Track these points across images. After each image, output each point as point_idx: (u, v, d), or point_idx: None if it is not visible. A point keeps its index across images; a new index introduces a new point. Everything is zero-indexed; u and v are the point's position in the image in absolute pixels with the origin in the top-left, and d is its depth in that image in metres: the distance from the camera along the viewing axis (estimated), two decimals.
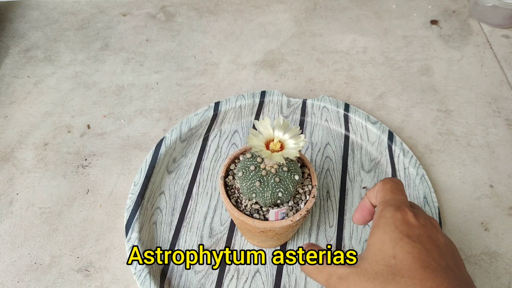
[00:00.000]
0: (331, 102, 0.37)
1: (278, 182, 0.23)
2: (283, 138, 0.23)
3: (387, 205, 0.19)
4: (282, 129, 0.23)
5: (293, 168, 0.24)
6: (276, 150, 0.23)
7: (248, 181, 0.23)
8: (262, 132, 0.23)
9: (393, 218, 0.18)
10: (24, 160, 0.36)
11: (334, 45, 0.45)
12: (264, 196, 0.23)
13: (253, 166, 0.24)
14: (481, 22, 0.47)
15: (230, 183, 0.26)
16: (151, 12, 0.50)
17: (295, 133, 0.23)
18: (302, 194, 0.25)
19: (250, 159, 0.24)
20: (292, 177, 0.24)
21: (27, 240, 0.31)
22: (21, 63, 0.44)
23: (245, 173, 0.24)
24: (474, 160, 0.35)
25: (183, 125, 0.36)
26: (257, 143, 0.22)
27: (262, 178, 0.23)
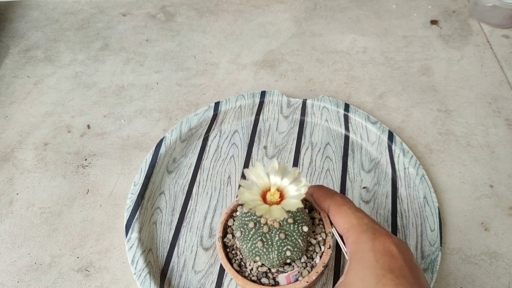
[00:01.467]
0: (331, 102, 0.37)
1: (284, 238, 0.19)
2: (282, 184, 0.19)
3: (360, 233, 0.17)
4: (279, 174, 0.19)
5: (299, 217, 0.20)
6: (275, 202, 0.19)
7: (248, 242, 0.20)
8: (256, 182, 0.19)
9: (373, 251, 0.16)
10: (24, 160, 0.36)
11: (334, 45, 0.45)
12: (270, 258, 0.20)
13: (252, 222, 0.20)
14: (481, 22, 0.47)
15: (231, 243, 0.22)
16: (151, 12, 0.50)
17: (295, 176, 0.19)
18: (315, 245, 0.21)
19: (248, 214, 0.20)
20: (300, 229, 0.20)
21: (27, 240, 0.31)
22: (21, 63, 0.44)
23: (244, 232, 0.20)
24: (474, 160, 0.35)
25: (183, 125, 0.36)
26: (251, 197, 0.18)
27: (264, 236, 0.19)
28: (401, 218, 0.31)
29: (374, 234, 0.17)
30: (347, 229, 0.18)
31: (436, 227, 0.29)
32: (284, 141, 0.36)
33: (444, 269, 0.29)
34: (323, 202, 0.20)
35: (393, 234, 0.22)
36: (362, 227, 0.17)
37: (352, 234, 0.17)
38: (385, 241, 0.16)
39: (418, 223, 0.30)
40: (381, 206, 0.32)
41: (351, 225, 0.18)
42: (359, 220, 0.18)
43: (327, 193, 0.20)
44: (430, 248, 0.28)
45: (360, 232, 0.17)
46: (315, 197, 0.21)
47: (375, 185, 0.33)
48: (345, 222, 0.18)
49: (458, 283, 0.28)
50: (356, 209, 0.19)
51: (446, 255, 0.29)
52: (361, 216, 0.18)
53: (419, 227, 0.30)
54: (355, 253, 0.16)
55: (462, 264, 0.29)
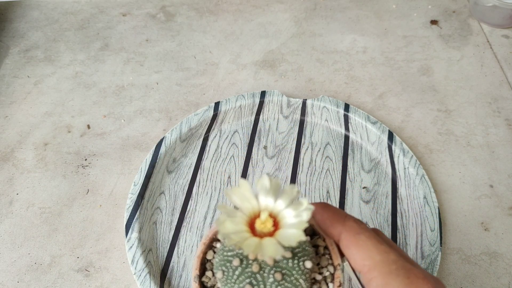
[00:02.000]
0: (331, 102, 0.37)
1: (281, 279, 0.14)
2: (276, 208, 0.14)
3: (387, 275, 0.13)
4: (271, 194, 0.15)
5: (300, 249, 0.15)
6: (267, 233, 0.14)
7: (233, 286, 0.15)
8: (241, 207, 0.14)
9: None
10: (24, 160, 0.36)
11: (334, 45, 0.45)
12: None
13: (237, 259, 0.15)
14: (481, 22, 0.47)
15: (211, 283, 0.17)
16: (151, 12, 0.50)
17: (292, 196, 0.14)
18: (321, 282, 0.16)
19: (232, 247, 0.15)
20: (302, 266, 0.15)
21: (27, 240, 0.31)
22: (21, 63, 0.44)
23: (227, 272, 0.15)
24: (474, 160, 0.35)
25: (183, 125, 0.36)
26: (234, 228, 0.14)
27: (254, 277, 0.14)
28: (401, 218, 0.31)
29: (408, 277, 0.13)
30: (369, 267, 0.14)
31: (436, 227, 0.29)
32: (284, 141, 0.36)
33: (444, 269, 0.29)
34: (330, 227, 0.16)
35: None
36: (389, 266, 0.13)
37: (377, 276, 0.13)
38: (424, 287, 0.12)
39: (418, 223, 0.30)
40: (381, 206, 0.32)
41: (373, 262, 0.13)
42: (384, 256, 0.13)
43: (336, 216, 0.16)
44: (430, 248, 0.28)
45: (388, 273, 0.13)
46: (320, 220, 0.16)
47: (375, 185, 0.33)
48: (365, 257, 0.14)
49: (458, 283, 0.28)
50: (378, 240, 0.14)
51: (446, 255, 0.29)
52: (386, 250, 0.14)
53: (419, 227, 0.30)
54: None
55: (462, 264, 0.29)
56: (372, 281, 0.13)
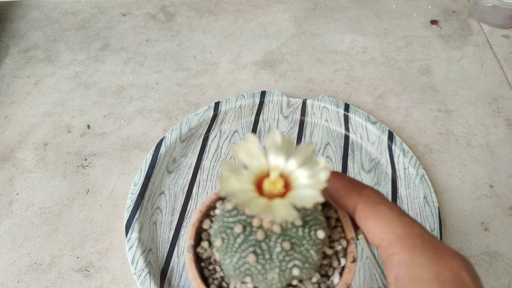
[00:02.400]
0: (331, 102, 0.37)
1: (289, 249, 0.13)
2: (287, 168, 0.12)
3: (412, 250, 0.11)
4: (282, 153, 0.13)
5: (311, 217, 0.13)
6: (277, 194, 0.12)
7: (234, 255, 0.13)
8: (248, 164, 0.13)
9: (439, 282, 0.10)
10: (24, 160, 0.36)
11: (334, 45, 0.45)
12: (267, 280, 0.13)
13: (240, 225, 0.13)
14: (481, 22, 0.47)
15: (207, 255, 0.15)
16: (151, 12, 0.50)
17: (307, 155, 0.13)
18: (332, 257, 0.14)
19: (233, 211, 0.14)
20: (313, 236, 0.13)
21: (27, 240, 0.30)
22: (21, 63, 0.44)
23: (227, 240, 0.13)
24: (474, 160, 0.35)
25: (183, 125, 0.36)
26: (239, 186, 0.12)
27: (259, 246, 0.13)
28: None
29: (436, 253, 0.11)
30: (389, 241, 0.12)
31: (436, 227, 0.29)
32: None
33: None
34: (345, 197, 0.14)
35: None
36: (413, 240, 0.12)
37: (400, 251, 0.11)
38: (454, 265, 0.11)
39: None
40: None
41: (395, 236, 0.12)
42: (408, 229, 0.12)
43: (352, 185, 0.14)
44: None
45: (413, 248, 0.11)
46: (333, 189, 0.14)
47: (375, 185, 0.33)
48: (385, 230, 0.12)
49: None
50: (400, 212, 0.13)
51: None
52: (409, 223, 0.12)
53: None
54: (408, 283, 0.11)
55: None
56: (393, 256, 0.12)
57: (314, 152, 0.13)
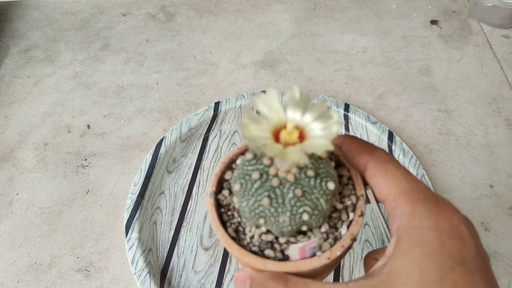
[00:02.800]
0: (331, 102, 0.37)
1: (301, 196, 0.14)
2: (303, 121, 0.14)
3: (415, 202, 0.12)
4: (299, 108, 0.14)
5: (323, 170, 0.14)
6: (291, 143, 0.13)
7: (250, 198, 0.14)
8: (267, 115, 0.14)
9: (437, 231, 0.11)
10: (24, 160, 0.36)
11: (334, 45, 0.45)
12: (278, 222, 0.14)
13: (258, 172, 0.14)
14: (481, 22, 0.47)
15: (227, 202, 0.17)
16: (151, 12, 0.50)
17: (322, 110, 0.14)
18: (341, 211, 0.16)
19: (252, 161, 0.15)
20: (324, 186, 0.14)
21: (27, 240, 0.31)
22: (21, 63, 0.44)
23: (245, 185, 0.14)
24: (474, 160, 0.35)
25: (183, 125, 0.36)
26: (258, 133, 0.13)
27: (273, 191, 0.14)
28: None
29: (437, 205, 0.12)
30: (395, 195, 0.13)
31: None
32: None
33: None
34: (357, 156, 0.15)
35: None
36: (417, 194, 0.12)
37: (404, 203, 0.12)
38: (453, 218, 0.11)
39: None
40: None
41: (401, 190, 0.12)
42: (413, 185, 0.13)
43: (364, 146, 0.15)
44: None
45: (416, 200, 0.12)
46: (346, 150, 0.15)
47: None
48: (392, 185, 0.13)
49: None
50: (407, 171, 0.14)
51: None
52: (415, 180, 0.13)
53: None
54: (408, 231, 0.11)
55: None
56: (397, 208, 0.12)
57: (328, 108, 0.14)
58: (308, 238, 0.15)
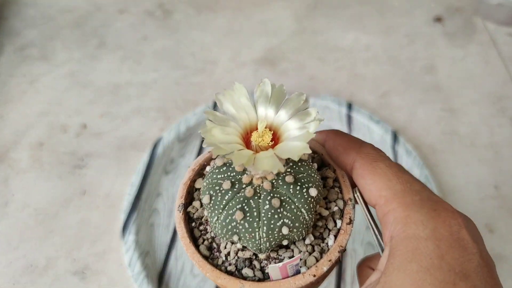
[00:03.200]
0: (333, 101, 0.37)
1: (279, 206, 0.12)
2: (277, 120, 0.12)
3: (409, 206, 0.10)
4: (272, 103, 0.12)
5: (304, 174, 0.13)
6: (265, 147, 0.11)
7: (221, 213, 0.12)
8: (235, 115, 0.12)
9: (435, 240, 0.10)
10: (19, 161, 0.35)
11: (336, 42, 0.45)
12: (255, 238, 0.12)
13: (229, 181, 0.13)
14: (486, 20, 0.46)
15: (198, 214, 0.14)
16: (149, 9, 0.49)
17: (298, 106, 0.12)
18: (327, 218, 0.14)
19: (223, 168, 0.13)
20: (305, 194, 0.12)
21: (23, 242, 0.30)
22: (17, 61, 0.44)
23: (215, 197, 0.13)
24: (478, 160, 0.34)
25: (181, 125, 0.35)
26: (224, 138, 0.11)
27: (247, 203, 0.12)
28: None
29: (435, 209, 0.10)
30: (386, 198, 0.11)
31: None
32: None
33: None
34: (343, 154, 0.13)
35: None
36: (412, 196, 0.11)
37: (396, 207, 0.11)
38: (452, 223, 0.10)
39: None
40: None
41: (393, 192, 0.11)
42: (407, 186, 0.11)
43: (350, 142, 0.13)
44: None
45: (410, 204, 0.11)
46: (330, 146, 0.14)
47: None
48: (382, 187, 0.11)
49: None
50: (400, 169, 0.12)
51: None
52: (408, 179, 0.11)
53: None
54: (403, 241, 0.10)
55: None
56: (390, 214, 0.11)
57: (306, 103, 0.12)
58: (291, 252, 0.13)
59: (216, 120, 0.12)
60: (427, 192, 0.12)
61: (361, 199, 0.14)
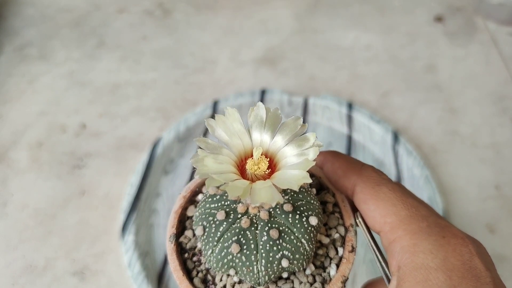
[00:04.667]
0: (334, 100, 0.36)
1: (277, 238, 0.11)
2: (273, 147, 0.11)
3: (417, 234, 0.10)
4: (267, 129, 0.11)
5: (303, 202, 0.12)
6: (261, 176, 0.11)
7: (216, 246, 0.12)
8: (227, 142, 0.11)
9: (445, 270, 0.09)
10: (18, 161, 0.35)
11: (337, 42, 0.44)
12: (252, 272, 0.12)
13: (223, 211, 0.12)
14: (487, 19, 0.46)
15: (191, 245, 0.14)
16: (148, 9, 0.49)
17: (295, 131, 0.11)
18: (328, 246, 0.13)
19: (216, 197, 0.12)
20: (305, 223, 0.12)
21: (22, 243, 0.30)
22: (16, 61, 0.43)
23: (209, 228, 0.12)
24: (479, 160, 0.34)
25: (181, 125, 0.35)
26: (216, 167, 0.10)
27: (243, 235, 0.12)
28: None
29: (444, 236, 0.10)
30: (391, 225, 0.10)
31: None
32: None
33: None
34: (343, 178, 0.12)
35: None
36: (418, 222, 0.10)
37: (403, 235, 0.10)
38: (464, 251, 0.10)
39: None
40: None
41: (398, 219, 0.10)
42: (412, 211, 0.10)
43: (350, 164, 0.12)
44: None
45: (417, 231, 0.10)
46: (329, 169, 0.13)
47: None
48: (386, 213, 0.11)
49: None
50: (404, 193, 0.11)
51: None
52: (413, 204, 0.11)
53: None
54: (411, 272, 0.09)
55: None
56: (396, 242, 0.10)
57: (304, 128, 0.11)
58: (291, 283, 0.12)
59: (208, 148, 0.11)
60: (434, 216, 0.11)
61: (363, 225, 0.13)
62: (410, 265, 0.10)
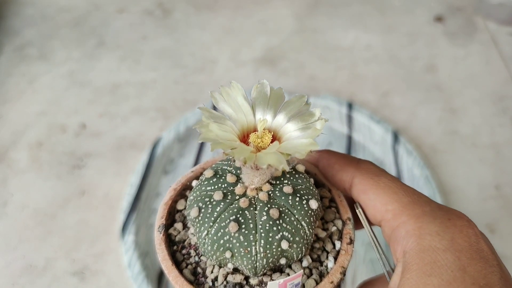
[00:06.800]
0: (334, 100, 0.36)
1: (278, 218, 0.11)
2: (276, 123, 0.11)
3: (421, 217, 0.10)
4: (270, 106, 0.11)
5: (302, 185, 0.12)
6: (264, 149, 0.11)
7: (212, 226, 0.11)
8: (231, 115, 0.11)
9: (454, 251, 0.09)
10: (18, 161, 0.35)
11: (337, 42, 0.44)
12: (250, 254, 0.11)
13: (220, 192, 0.11)
14: (487, 19, 0.46)
15: (180, 237, 0.14)
16: (148, 9, 0.49)
17: (299, 109, 0.11)
18: (325, 239, 0.13)
19: (213, 179, 0.12)
20: (305, 205, 0.11)
21: (22, 243, 0.30)
22: (16, 61, 0.43)
23: (205, 209, 0.11)
24: (479, 160, 0.34)
25: (181, 125, 0.35)
26: (222, 134, 0.10)
27: (242, 214, 0.11)
28: None
29: (449, 218, 0.10)
30: (393, 212, 0.10)
31: None
32: None
33: None
34: (340, 172, 0.12)
35: None
36: (422, 207, 0.10)
37: (407, 220, 0.10)
38: (470, 232, 0.10)
39: None
40: None
41: (400, 205, 0.10)
42: (415, 198, 0.10)
43: (347, 159, 0.13)
44: None
45: (421, 215, 0.10)
46: (325, 165, 0.13)
47: None
48: (388, 200, 0.11)
49: None
50: (403, 183, 0.11)
51: None
52: (414, 191, 0.11)
53: None
54: (418, 254, 0.09)
55: None
56: (400, 227, 0.10)
57: (307, 105, 0.11)
58: (286, 276, 0.12)
59: (212, 117, 0.11)
60: (435, 202, 0.11)
61: (363, 215, 0.13)
62: (416, 248, 0.10)
